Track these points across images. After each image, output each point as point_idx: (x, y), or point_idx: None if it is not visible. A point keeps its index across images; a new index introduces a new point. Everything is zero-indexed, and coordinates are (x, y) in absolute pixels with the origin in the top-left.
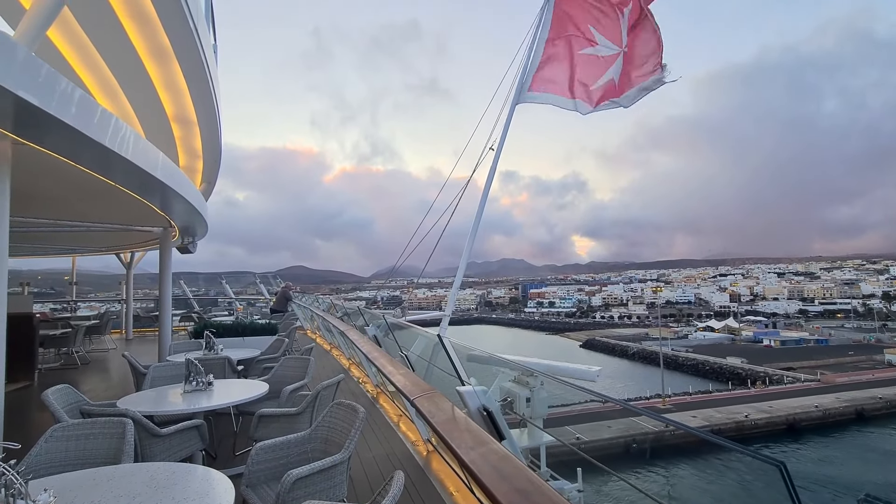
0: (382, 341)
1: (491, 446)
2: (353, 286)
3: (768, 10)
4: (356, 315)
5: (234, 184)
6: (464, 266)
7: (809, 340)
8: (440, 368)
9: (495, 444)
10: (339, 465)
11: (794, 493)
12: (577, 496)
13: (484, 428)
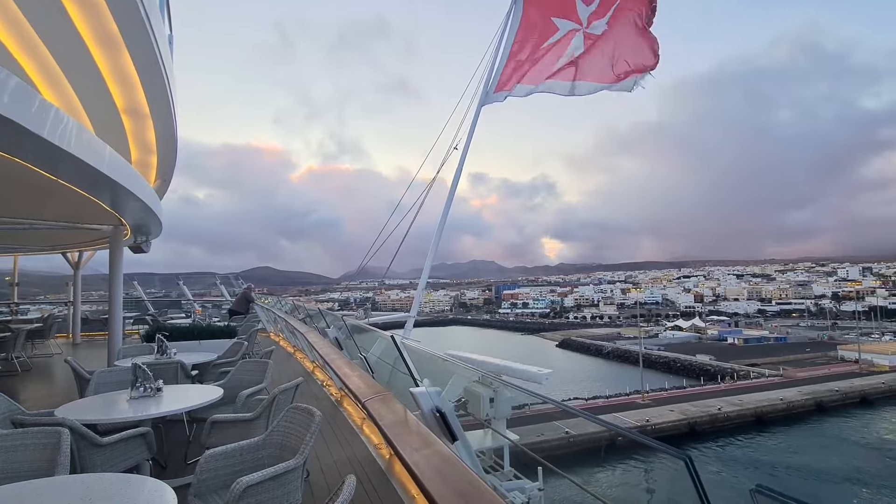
0: (344, 344)
1: (436, 448)
2: (322, 287)
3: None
4: (318, 317)
5: (194, 181)
6: (429, 267)
7: (770, 338)
8: (397, 370)
9: (441, 445)
10: (293, 471)
11: (700, 484)
12: (538, 495)
13: (437, 429)
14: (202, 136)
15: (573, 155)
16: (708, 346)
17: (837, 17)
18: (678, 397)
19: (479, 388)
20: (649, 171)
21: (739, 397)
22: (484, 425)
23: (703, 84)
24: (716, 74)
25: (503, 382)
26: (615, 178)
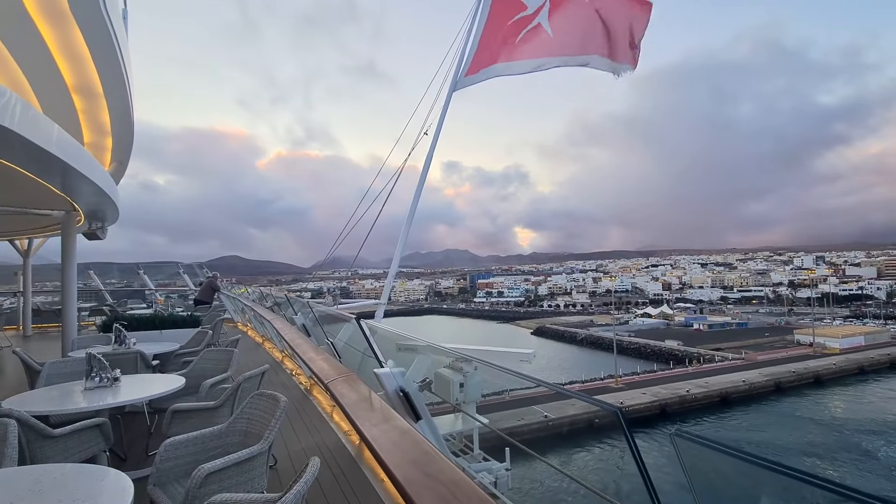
0: (312, 331)
1: (395, 423)
2: (293, 277)
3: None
4: (286, 305)
5: (153, 166)
6: (399, 254)
7: (732, 324)
8: (364, 355)
9: (400, 420)
10: (257, 457)
11: (630, 435)
12: (506, 475)
13: (401, 408)
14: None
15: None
16: (676, 332)
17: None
18: (649, 381)
19: (448, 374)
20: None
21: (705, 379)
22: (454, 409)
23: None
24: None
25: (490, 365)
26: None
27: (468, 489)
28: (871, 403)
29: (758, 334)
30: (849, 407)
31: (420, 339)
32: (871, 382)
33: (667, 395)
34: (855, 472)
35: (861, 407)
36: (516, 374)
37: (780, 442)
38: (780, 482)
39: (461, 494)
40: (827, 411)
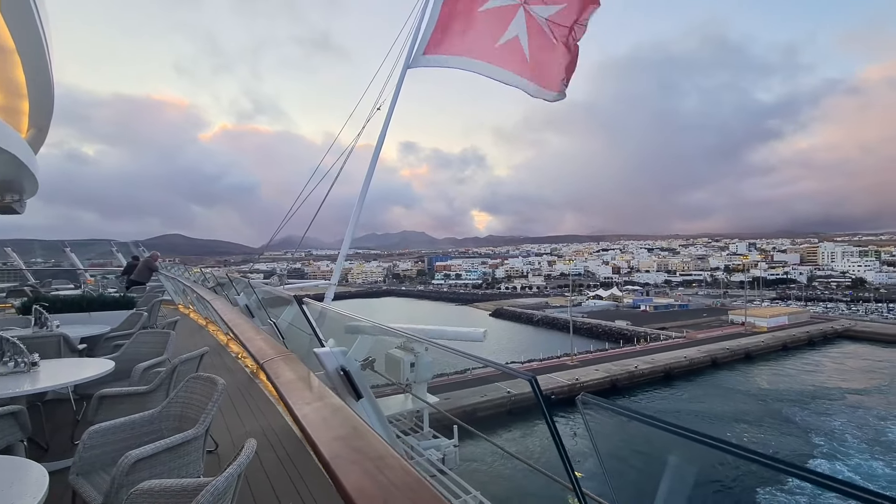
0: (256, 312)
1: (328, 401)
2: (243, 258)
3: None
4: (228, 285)
5: (81, 134)
6: (350, 234)
7: (674, 305)
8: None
9: (334, 398)
10: (192, 442)
11: (542, 400)
12: (453, 451)
13: (342, 388)
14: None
15: (503, 128)
16: (624, 313)
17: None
18: (601, 358)
19: (399, 353)
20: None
21: (652, 356)
22: (404, 389)
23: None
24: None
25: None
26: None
27: (394, 462)
28: (791, 376)
29: (697, 315)
30: (773, 379)
31: (366, 319)
32: (792, 357)
33: (617, 371)
34: (777, 436)
35: (783, 379)
36: (454, 350)
37: (716, 411)
38: (677, 442)
39: (386, 468)
40: (755, 383)
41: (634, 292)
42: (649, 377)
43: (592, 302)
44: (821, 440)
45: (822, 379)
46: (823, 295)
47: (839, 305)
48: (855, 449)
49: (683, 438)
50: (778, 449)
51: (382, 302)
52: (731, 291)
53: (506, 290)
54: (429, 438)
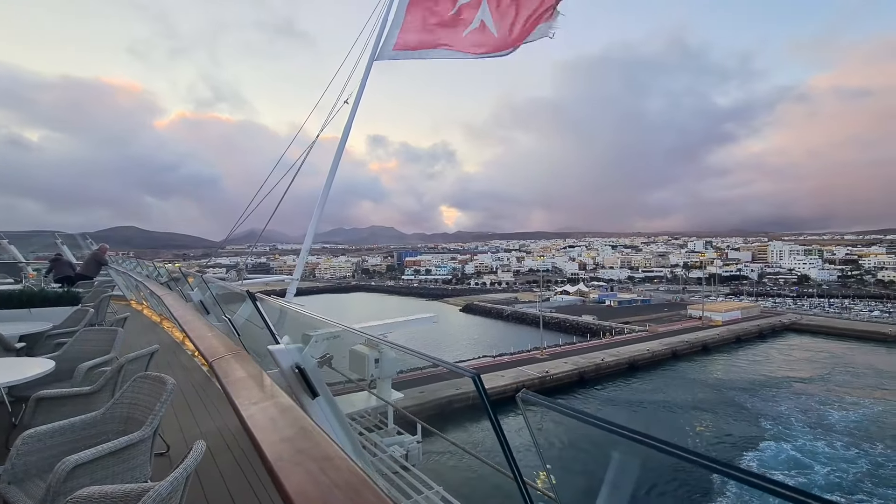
0: (211, 308)
1: (277, 400)
2: (203, 252)
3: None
4: (182, 280)
5: (23, 118)
6: (314, 229)
7: (637, 301)
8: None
9: (283, 398)
10: (137, 445)
11: (486, 398)
12: (417, 447)
13: (297, 386)
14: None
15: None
16: (591, 308)
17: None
18: (570, 352)
19: (364, 350)
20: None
21: (617, 349)
22: (369, 386)
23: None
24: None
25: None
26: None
27: (340, 463)
28: (743, 367)
29: (658, 310)
30: (727, 369)
31: (318, 315)
32: (744, 349)
33: (585, 363)
34: (731, 421)
35: (736, 369)
36: (402, 348)
37: (677, 400)
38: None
39: (331, 469)
40: (711, 374)
41: (600, 288)
42: (615, 369)
43: (560, 297)
44: (769, 424)
45: (771, 369)
46: (772, 291)
47: (786, 301)
48: (799, 431)
49: (617, 435)
50: (732, 433)
51: (351, 297)
52: (689, 287)
53: (476, 286)
54: (393, 435)
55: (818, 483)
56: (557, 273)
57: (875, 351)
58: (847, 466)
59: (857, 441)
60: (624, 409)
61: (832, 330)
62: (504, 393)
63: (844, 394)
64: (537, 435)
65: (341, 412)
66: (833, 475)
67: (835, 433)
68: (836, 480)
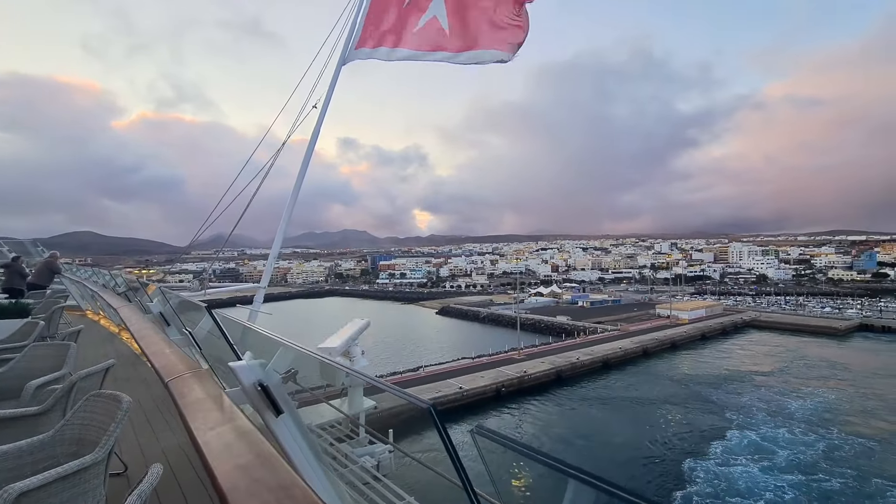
0: (171, 320)
1: (236, 423)
2: (167, 257)
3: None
4: (141, 291)
5: None
6: (281, 234)
7: (609, 301)
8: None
9: (242, 420)
10: (90, 468)
11: (443, 430)
12: (388, 456)
13: (260, 404)
14: None
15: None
16: (564, 309)
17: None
18: (546, 352)
19: (335, 358)
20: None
21: (591, 348)
22: (340, 395)
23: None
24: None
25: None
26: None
27: (298, 493)
28: (709, 362)
29: (629, 309)
30: (694, 365)
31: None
32: (709, 346)
33: (561, 363)
34: (699, 414)
35: (702, 365)
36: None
37: (648, 396)
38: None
39: (288, 499)
40: (679, 370)
41: (572, 289)
42: (590, 367)
43: (534, 299)
44: (734, 415)
45: (734, 364)
46: (734, 290)
47: (746, 299)
48: (762, 420)
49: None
50: (700, 425)
51: (325, 302)
52: (657, 287)
53: (451, 289)
54: (364, 444)
55: (780, 465)
56: (531, 275)
57: (827, 344)
58: (805, 449)
59: (815, 427)
60: (599, 406)
61: (789, 326)
62: (484, 393)
63: (801, 385)
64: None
65: (307, 429)
66: (793, 457)
67: (794, 421)
68: (796, 462)
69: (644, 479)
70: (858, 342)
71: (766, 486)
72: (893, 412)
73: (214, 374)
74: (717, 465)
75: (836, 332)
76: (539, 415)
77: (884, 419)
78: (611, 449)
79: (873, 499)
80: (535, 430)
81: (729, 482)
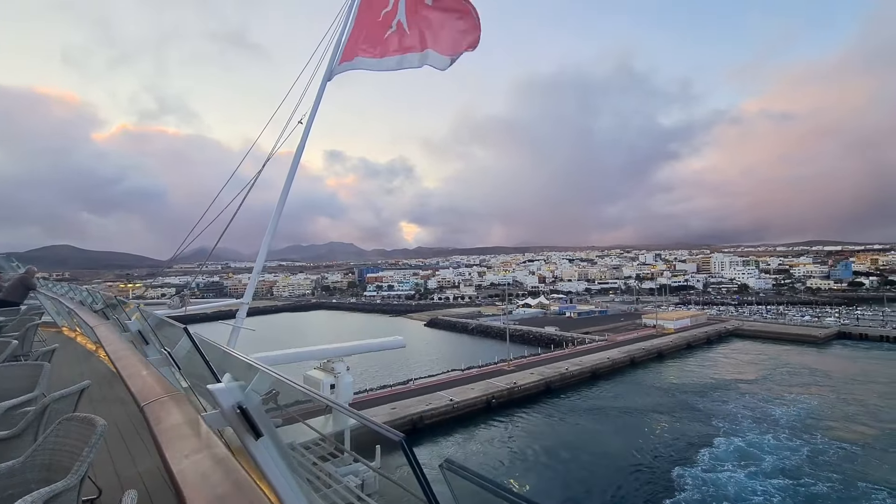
0: (150, 338)
1: (213, 451)
2: (149, 271)
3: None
4: (119, 308)
5: None
6: (266, 247)
7: (596, 312)
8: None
9: (219, 448)
10: (61, 495)
11: (415, 462)
12: (372, 475)
13: (239, 427)
14: None
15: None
16: (552, 319)
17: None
18: (535, 362)
19: (318, 375)
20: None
21: (579, 359)
22: (326, 410)
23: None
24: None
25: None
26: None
27: None
28: (695, 371)
29: (615, 320)
30: (680, 374)
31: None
32: (695, 354)
33: (550, 373)
34: (686, 422)
35: (688, 374)
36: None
37: (637, 405)
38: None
39: None
40: (666, 379)
41: (559, 300)
42: (578, 377)
43: (522, 310)
44: (721, 423)
45: (719, 372)
46: (717, 299)
47: (729, 308)
48: (747, 427)
49: None
50: (688, 432)
51: (312, 316)
52: (642, 298)
53: (439, 301)
54: (349, 463)
55: (766, 470)
56: (518, 286)
57: (808, 352)
58: (790, 454)
59: (799, 432)
60: (588, 417)
61: (770, 334)
62: (475, 405)
63: (784, 392)
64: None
65: (287, 451)
66: (779, 463)
67: (779, 427)
68: (782, 467)
69: (634, 487)
70: (837, 349)
71: (754, 490)
72: (873, 417)
73: (195, 394)
74: (705, 471)
75: (816, 340)
76: (529, 426)
77: (864, 424)
78: (600, 459)
79: (858, 501)
80: (526, 441)
81: (717, 488)
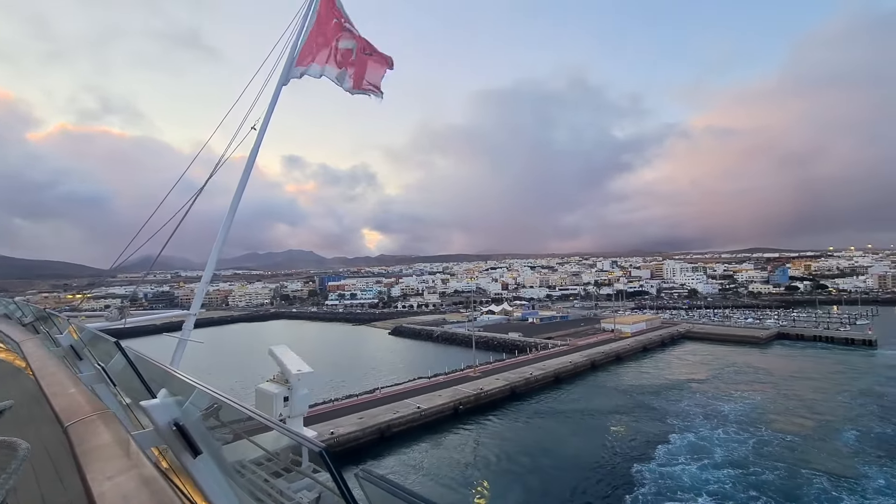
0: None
1: (139, 471)
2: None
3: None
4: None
5: None
6: (215, 255)
7: (557, 317)
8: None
9: (147, 468)
10: None
11: (336, 472)
12: (332, 486)
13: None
14: None
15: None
16: (515, 325)
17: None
18: (500, 368)
19: (272, 388)
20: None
21: (543, 363)
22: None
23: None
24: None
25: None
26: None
27: None
28: (650, 373)
29: (576, 325)
30: (637, 376)
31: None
32: (650, 357)
33: (516, 378)
34: (644, 421)
35: (644, 375)
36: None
37: (598, 407)
38: None
39: None
40: (624, 381)
41: (522, 306)
42: (543, 382)
43: (486, 317)
44: (675, 420)
45: (673, 373)
46: (669, 304)
47: (681, 312)
48: (700, 423)
49: None
50: (645, 431)
51: (270, 325)
52: (600, 303)
53: (403, 309)
54: (303, 477)
55: (717, 462)
56: (482, 293)
57: (751, 352)
58: (739, 447)
59: (745, 426)
60: (552, 419)
61: (718, 336)
62: (442, 412)
63: (731, 389)
64: None
65: (231, 468)
66: (728, 454)
67: (727, 422)
68: (731, 458)
69: (596, 485)
70: (778, 349)
71: (707, 481)
72: (811, 410)
73: (134, 413)
74: (662, 466)
75: (759, 341)
76: (496, 430)
77: (803, 416)
78: (564, 459)
79: (801, 487)
80: (493, 446)
81: (673, 480)
